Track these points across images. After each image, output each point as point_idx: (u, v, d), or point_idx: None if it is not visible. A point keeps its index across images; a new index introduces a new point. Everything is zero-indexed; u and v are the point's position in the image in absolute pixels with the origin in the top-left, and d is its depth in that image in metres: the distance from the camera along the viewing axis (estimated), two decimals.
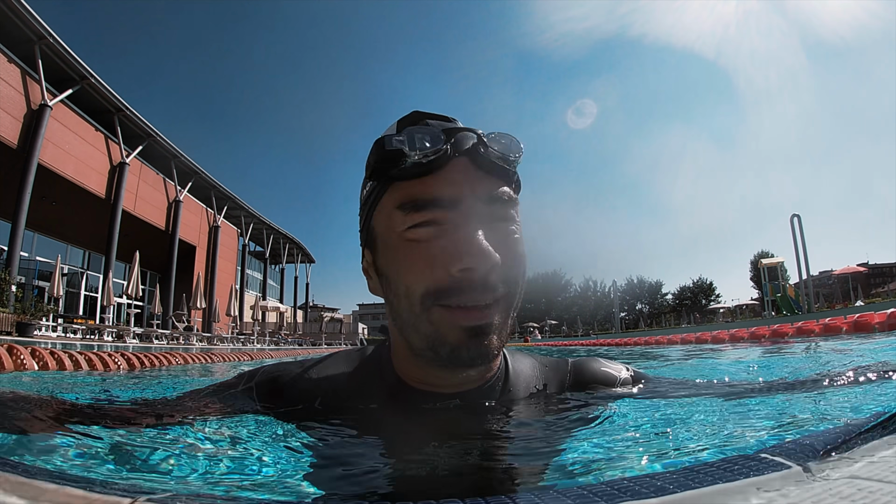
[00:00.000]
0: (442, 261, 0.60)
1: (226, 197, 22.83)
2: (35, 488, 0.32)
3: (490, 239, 0.61)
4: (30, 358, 3.08)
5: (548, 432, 0.67)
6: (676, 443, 0.63)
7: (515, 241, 0.65)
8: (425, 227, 0.62)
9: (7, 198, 11.81)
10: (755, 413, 0.75)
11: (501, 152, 0.64)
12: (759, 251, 44.05)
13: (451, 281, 0.60)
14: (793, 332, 8.26)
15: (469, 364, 0.63)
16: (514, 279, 0.64)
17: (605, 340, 18.53)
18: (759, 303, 29.05)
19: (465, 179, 0.63)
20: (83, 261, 18.37)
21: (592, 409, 0.76)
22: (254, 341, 17.91)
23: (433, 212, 0.62)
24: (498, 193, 0.64)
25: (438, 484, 0.55)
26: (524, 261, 0.66)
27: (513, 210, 0.66)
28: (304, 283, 36.96)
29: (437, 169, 0.62)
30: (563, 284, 57.51)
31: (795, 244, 17.06)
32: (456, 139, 0.64)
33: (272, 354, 9.83)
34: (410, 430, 0.68)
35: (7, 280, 10.23)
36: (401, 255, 0.63)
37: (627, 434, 0.68)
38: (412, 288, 0.62)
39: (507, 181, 0.66)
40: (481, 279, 0.60)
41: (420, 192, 0.62)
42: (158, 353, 4.93)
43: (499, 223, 0.64)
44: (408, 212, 0.62)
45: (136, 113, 15.70)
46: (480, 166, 0.64)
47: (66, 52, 12.62)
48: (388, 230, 0.65)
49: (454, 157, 0.63)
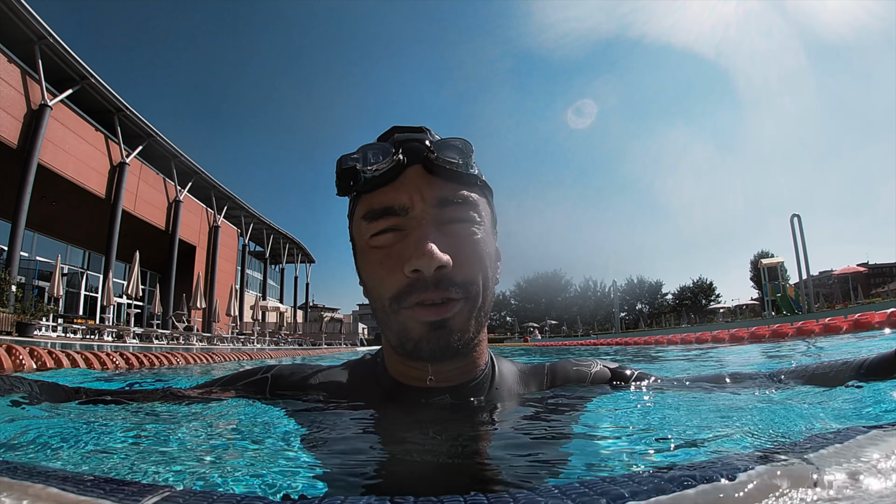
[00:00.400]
0: (399, 264, 0.66)
1: (226, 197, 22.84)
2: (33, 492, 0.32)
3: (442, 240, 0.65)
4: (28, 358, 3.08)
5: (532, 427, 0.70)
6: (662, 439, 0.63)
7: (474, 240, 0.69)
8: (385, 234, 0.69)
9: (7, 198, 11.81)
10: (742, 410, 0.74)
11: (450, 157, 0.69)
12: (759, 251, 44.11)
13: (407, 282, 0.66)
14: (793, 332, 8.25)
15: (431, 357, 0.68)
16: (471, 276, 0.68)
17: (605, 340, 18.52)
18: (759, 303, 29.05)
19: (415, 187, 0.68)
20: (83, 261, 18.37)
21: (572, 405, 0.79)
22: (254, 341, 17.91)
23: (390, 219, 0.68)
24: (451, 196, 0.69)
25: (430, 476, 0.55)
26: (484, 258, 0.70)
27: (472, 211, 0.70)
28: (304, 283, 37.02)
29: (391, 179, 0.68)
30: (563, 284, 57.52)
31: (795, 244, 17.07)
32: (407, 149, 0.69)
33: (272, 354, 9.83)
34: (401, 424, 0.73)
35: (7, 280, 10.23)
36: (369, 260, 0.70)
37: (615, 430, 0.68)
38: (380, 291, 0.69)
39: (462, 183, 0.70)
40: (431, 279, 0.64)
41: (377, 202, 0.69)
42: (158, 353, 4.93)
43: (454, 224, 0.69)
44: (370, 221, 0.69)
45: (136, 113, 15.71)
46: (432, 171, 0.69)
47: (66, 52, 12.63)
48: (360, 238, 0.72)
49: (407, 166, 0.69)
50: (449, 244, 0.66)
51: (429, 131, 0.76)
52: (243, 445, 0.63)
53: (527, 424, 0.72)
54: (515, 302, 58.11)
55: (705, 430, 0.64)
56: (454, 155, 0.69)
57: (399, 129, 0.75)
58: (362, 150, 0.70)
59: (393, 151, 0.69)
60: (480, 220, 0.71)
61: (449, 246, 0.66)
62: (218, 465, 0.56)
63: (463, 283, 0.67)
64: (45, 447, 0.59)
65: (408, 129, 0.76)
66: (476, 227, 0.70)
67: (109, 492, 0.36)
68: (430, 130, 0.76)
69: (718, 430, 0.63)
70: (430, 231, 0.66)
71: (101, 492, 0.36)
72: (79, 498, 0.32)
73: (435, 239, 0.65)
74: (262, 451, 0.61)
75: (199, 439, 0.66)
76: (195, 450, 0.61)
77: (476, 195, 0.72)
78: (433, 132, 0.76)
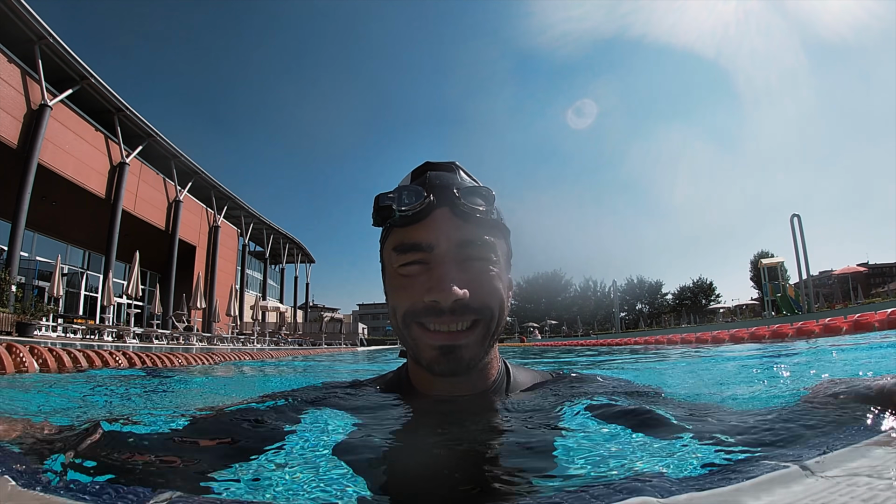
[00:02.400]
0: (420, 291, 0.76)
1: (226, 197, 22.84)
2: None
3: (461, 277, 0.75)
4: (29, 356, 3.08)
5: (544, 433, 0.72)
6: (672, 449, 0.63)
7: (490, 276, 0.78)
8: (412, 266, 0.78)
9: (7, 198, 11.81)
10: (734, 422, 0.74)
11: (474, 203, 0.78)
12: (759, 251, 44.09)
13: (424, 307, 0.75)
14: (793, 332, 8.25)
15: (443, 374, 0.78)
16: (486, 308, 0.77)
17: (605, 340, 18.53)
18: (759, 303, 29.05)
19: (441, 228, 0.77)
20: (83, 261, 18.37)
21: (591, 411, 0.80)
22: (254, 341, 17.91)
23: (416, 254, 0.78)
24: (472, 238, 0.78)
25: (440, 482, 0.56)
26: (497, 293, 0.79)
27: (490, 252, 0.79)
28: (304, 283, 37.03)
29: (421, 219, 0.78)
30: (563, 284, 57.52)
31: (795, 244, 17.08)
32: (437, 193, 0.78)
33: (272, 354, 9.83)
34: (416, 431, 0.79)
35: (7, 280, 10.24)
36: (395, 283, 0.81)
37: (629, 437, 0.68)
38: (397, 308, 0.80)
39: (483, 227, 0.79)
40: (447, 310, 0.74)
41: (407, 238, 0.78)
42: (159, 354, 4.93)
43: (473, 262, 0.78)
44: (399, 253, 0.79)
45: (136, 113, 15.71)
46: (457, 215, 0.78)
47: (66, 52, 12.63)
48: (389, 265, 0.83)
49: (435, 208, 0.78)
50: (467, 280, 0.76)
51: (458, 170, 0.85)
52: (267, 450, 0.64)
53: (539, 430, 0.73)
54: (515, 302, 58.02)
55: (714, 437, 0.64)
56: (478, 202, 0.78)
57: (431, 166, 0.85)
58: (398, 191, 0.79)
59: (425, 195, 0.78)
60: (496, 259, 0.80)
61: (466, 282, 0.75)
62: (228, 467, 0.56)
63: (478, 309, 0.76)
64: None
65: (440, 165, 0.85)
66: (492, 266, 0.79)
67: (115, 498, 0.36)
68: (459, 168, 0.86)
69: (726, 437, 0.63)
70: (451, 269, 0.75)
71: (108, 496, 0.36)
72: None
73: (455, 276, 0.74)
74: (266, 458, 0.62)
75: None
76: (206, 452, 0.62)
77: (494, 237, 0.81)
78: (462, 170, 0.86)
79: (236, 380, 3.62)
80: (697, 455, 0.58)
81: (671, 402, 0.90)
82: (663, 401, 0.89)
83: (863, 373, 1.67)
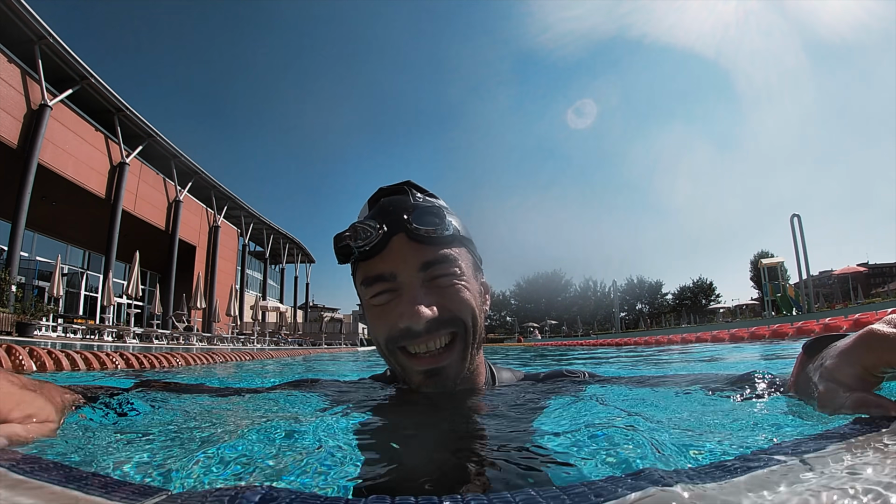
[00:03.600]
0: (392, 318, 0.79)
1: (226, 197, 22.85)
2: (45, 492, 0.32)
3: (429, 297, 0.78)
4: (28, 358, 3.08)
5: (528, 428, 0.73)
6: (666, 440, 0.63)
7: (457, 290, 0.81)
8: (381, 295, 0.81)
9: (7, 198, 11.81)
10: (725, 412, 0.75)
11: (427, 225, 0.80)
12: (759, 251, 44.14)
13: (400, 333, 0.78)
14: (793, 332, 8.25)
15: (434, 395, 0.81)
16: (460, 320, 0.80)
17: (605, 340, 18.52)
18: (759, 303, 29.06)
19: (400, 255, 0.80)
20: (83, 261, 18.38)
21: (573, 406, 0.82)
22: (254, 341, 17.91)
23: (382, 284, 0.81)
24: (431, 258, 0.80)
25: (428, 475, 0.56)
26: (468, 303, 0.81)
27: (453, 266, 0.81)
28: (304, 283, 37.03)
29: (379, 250, 0.80)
30: (563, 284, 57.54)
31: (795, 244, 17.09)
32: (389, 222, 0.80)
33: (272, 354, 9.83)
34: (402, 425, 0.80)
35: (7, 280, 10.24)
36: (370, 314, 0.85)
37: (620, 434, 0.68)
38: (378, 338, 0.83)
39: (441, 243, 0.81)
40: (422, 332, 0.77)
41: (370, 271, 0.82)
42: (159, 354, 4.93)
43: (438, 280, 0.80)
44: (367, 286, 0.82)
45: (136, 113, 15.72)
46: (413, 238, 0.80)
47: (66, 52, 12.63)
48: (362, 297, 0.86)
49: (392, 236, 0.80)
50: (436, 297, 0.79)
51: (410, 190, 0.86)
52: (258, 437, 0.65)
53: (523, 426, 0.75)
54: (515, 302, 58.12)
55: (705, 432, 0.64)
56: (431, 220, 0.80)
57: (384, 192, 0.87)
58: (353, 229, 0.82)
59: (377, 227, 0.80)
60: (461, 272, 0.82)
61: (436, 299, 0.78)
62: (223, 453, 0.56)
63: (452, 321, 0.79)
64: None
65: (392, 189, 0.87)
66: (457, 280, 0.81)
67: (111, 491, 0.36)
68: (412, 188, 0.87)
69: (712, 432, 0.63)
70: (417, 293, 0.78)
71: (103, 491, 0.36)
72: (78, 495, 0.32)
73: (421, 299, 0.77)
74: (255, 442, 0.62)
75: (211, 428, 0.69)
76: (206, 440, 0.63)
77: (455, 249, 0.83)
78: (416, 189, 0.88)
79: (233, 378, 3.62)
80: (693, 446, 0.58)
81: (667, 393, 0.90)
82: (657, 392, 0.89)
83: None
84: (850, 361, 0.52)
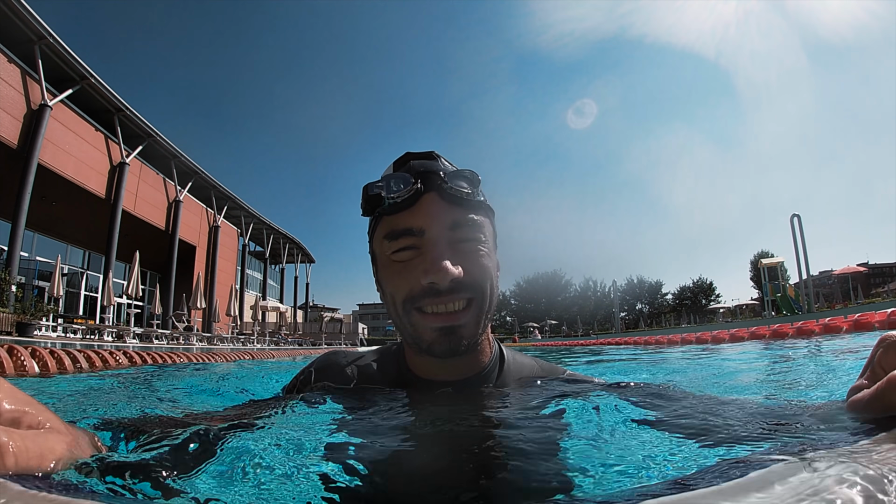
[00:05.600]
0: (416, 276, 0.78)
1: (226, 197, 22.83)
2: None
3: (454, 258, 0.77)
4: (30, 359, 3.08)
5: (536, 419, 0.73)
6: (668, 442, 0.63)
7: (480, 255, 0.81)
8: (405, 251, 0.80)
9: (7, 198, 11.81)
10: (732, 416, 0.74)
11: (460, 186, 0.80)
12: (759, 251, 44.10)
13: (422, 290, 0.77)
14: (793, 332, 8.25)
15: (442, 356, 0.80)
16: (479, 286, 0.80)
17: (605, 340, 18.52)
18: (759, 303, 29.05)
19: (431, 212, 0.79)
20: (83, 261, 18.37)
21: (587, 402, 0.80)
22: (254, 341, 17.90)
23: (408, 239, 0.79)
24: (461, 220, 0.80)
25: (428, 465, 0.57)
26: (489, 271, 0.82)
27: (479, 231, 0.82)
28: (304, 283, 37.01)
29: (410, 205, 0.79)
30: (563, 284, 57.51)
31: (795, 244, 17.09)
32: (424, 179, 0.80)
33: (273, 354, 9.83)
34: (409, 414, 0.80)
35: (7, 280, 10.23)
36: (389, 271, 0.82)
37: (623, 430, 0.68)
38: (395, 295, 0.81)
39: (470, 208, 0.82)
40: (445, 290, 0.76)
41: (398, 224, 0.80)
42: (159, 354, 4.93)
43: (463, 243, 0.80)
44: (391, 240, 0.80)
45: (136, 113, 15.71)
46: (445, 198, 0.80)
47: (66, 52, 12.63)
48: (381, 253, 0.84)
49: (424, 193, 0.79)
50: (460, 259, 0.78)
51: (439, 157, 0.87)
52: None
53: (526, 414, 0.75)
54: (515, 302, 58.09)
55: (708, 433, 0.64)
56: (464, 184, 0.81)
57: (413, 156, 0.87)
58: (386, 179, 0.80)
59: (413, 181, 0.79)
60: (485, 239, 0.83)
61: (460, 261, 0.78)
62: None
63: (472, 286, 0.79)
64: None
65: (421, 154, 0.87)
66: (482, 246, 0.82)
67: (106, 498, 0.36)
68: (440, 156, 0.88)
69: (716, 434, 0.63)
70: (444, 250, 0.77)
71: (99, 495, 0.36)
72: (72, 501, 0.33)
73: (448, 257, 0.76)
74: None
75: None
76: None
77: (482, 217, 0.83)
78: (443, 158, 0.88)
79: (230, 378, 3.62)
80: (699, 449, 0.59)
81: (672, 396, 0.89)
82: (663, 396, 0.88)
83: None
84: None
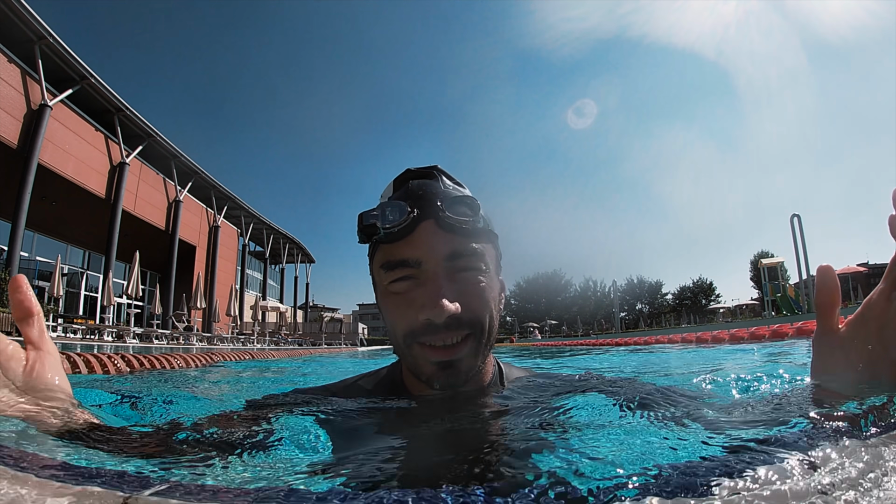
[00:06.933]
0: (413, 310, 0.75)
1: (226, 197, 22.84)
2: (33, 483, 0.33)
3: (452, 290, 0.74)
4: None
5: (530, 429, 0.72)
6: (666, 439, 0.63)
7: (480, 288, 0.78)
8: (401, 282, 0.77)
9: (7, 198, 11.82)
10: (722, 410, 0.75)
11: (459, 215, 0.76)
12: (759, 251, 44.09)
13: (420, 325, 0.74)
14: (793, 332, 8.25)
15: (442, 388, 0.78)
16: (478, 321, 0.77)
17: (605, 340, 18.52)
18: (759, 303, 29.05)
19: (428, 242, 0.76)
20: (83, 261, 18.38)
21: (587, 411, 0.80)
22: (254, 341, 17.91)
23: (404, 270, 0.76)
24: (460, 249, 0.76)
25: (428, 474, 0.56)
26: (489, 304, 0.79)
27: (479, 261, 0.78)
28: (304, 283, 37.03)
29: (406, 234, 0.76)
30: (563, 284, 57.52)
31: (795, 244, 17.06)
32: (420, 206, 0.77)
33: (273, 354, 9.83)
34: (405, 427, 0.79)
35: (7, 280, 10.24)
36: (388, 302, 0.80)
37: (622, 433, 0.68)
38: (396, 328, 0.78)
39: (470, 236, 0.78)
40: (443, 326, 0.73)
41: (394, 255, 0.77)
42: (158, 354, 4.93)
43: (462, 273, 0.77)
44: (387, 270, 0.78)
45: (136, 113, 15.72)
46: (443, 227, 0.76)
47: (66, 52, 12.63)
48: (378, 282, 0.82)
49: (420, 221, 0.76)
50: (458, 292, 0.75)
51: (440, 175, 0.83)
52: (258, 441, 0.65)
53: (526, 426, 0.74)
54: (515, 302, 58.10)
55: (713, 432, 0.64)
56: (464, 211, 0.77)
57: (412, 174, 0.83)
58: (381, 208, 0.78)
59: (408, 210, 0.76)
60: (486, 268, 0.79)
61: (458, 294, 0.75)
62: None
63: (470, 322, 0.76)
64: None
65: (421, 173, 0.84)
66: (482, 276, 0.78)
67: (109, 480, 0.36)
68: (441, 174, 0.84)
69: (721, 432, 0.63)
70: (442, 284, 0.74)
71: (102, 479, 0.36)
72: (73, 488, 0.33)
73: (446, 291, 0.73)
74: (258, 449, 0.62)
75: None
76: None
77: (482, 244, 0.80)
78: (445, 175, 0.84)
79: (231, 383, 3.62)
80: (698, 449, 0.58)
81: (670, 395, 0.89)
82: (661, 394, 0.88)
83: None
84: None
